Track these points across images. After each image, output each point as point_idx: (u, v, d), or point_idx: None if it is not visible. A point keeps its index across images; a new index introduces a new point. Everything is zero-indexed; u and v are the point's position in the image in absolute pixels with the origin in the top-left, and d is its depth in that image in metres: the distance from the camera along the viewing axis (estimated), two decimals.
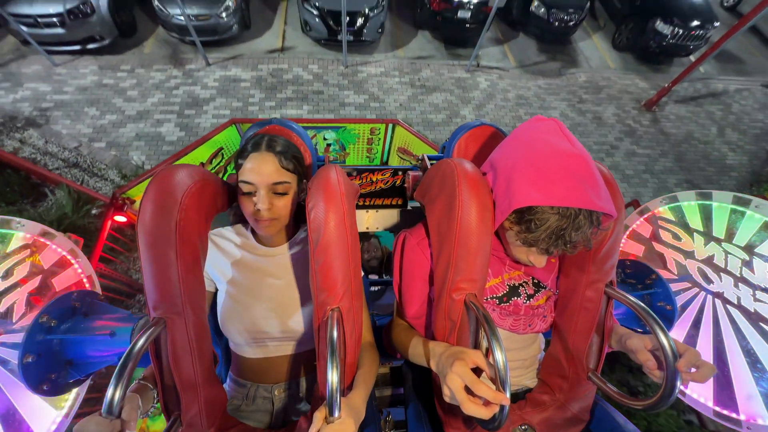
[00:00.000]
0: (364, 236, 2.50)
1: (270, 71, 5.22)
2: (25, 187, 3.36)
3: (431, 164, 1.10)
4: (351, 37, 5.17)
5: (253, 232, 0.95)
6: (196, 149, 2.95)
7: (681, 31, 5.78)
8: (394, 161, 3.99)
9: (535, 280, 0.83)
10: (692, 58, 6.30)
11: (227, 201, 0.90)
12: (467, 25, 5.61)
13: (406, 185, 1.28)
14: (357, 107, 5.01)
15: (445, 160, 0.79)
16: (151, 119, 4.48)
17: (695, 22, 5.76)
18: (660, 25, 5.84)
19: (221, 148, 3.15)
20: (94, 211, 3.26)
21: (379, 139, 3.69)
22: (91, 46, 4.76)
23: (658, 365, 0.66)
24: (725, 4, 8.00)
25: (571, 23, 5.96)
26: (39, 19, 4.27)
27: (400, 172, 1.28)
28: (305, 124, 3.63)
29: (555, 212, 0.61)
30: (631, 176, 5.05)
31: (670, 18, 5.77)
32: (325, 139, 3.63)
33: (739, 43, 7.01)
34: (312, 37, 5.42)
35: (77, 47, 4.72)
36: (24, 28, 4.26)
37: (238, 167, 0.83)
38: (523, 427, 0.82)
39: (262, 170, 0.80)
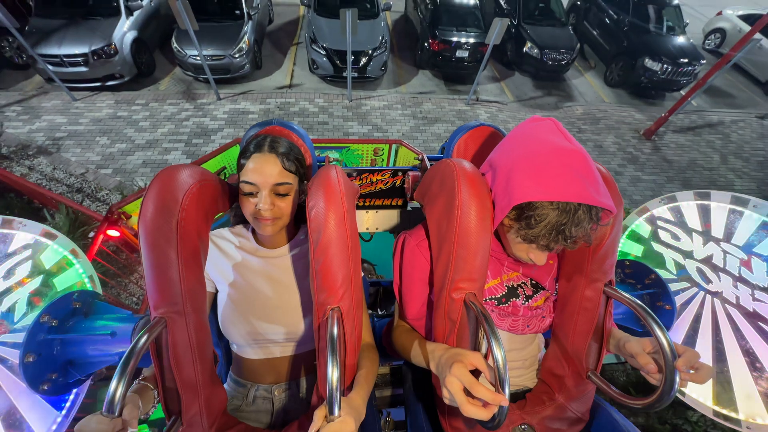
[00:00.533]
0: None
1: (278, 104, 5.43)
2: (26, 211, 3.40)
3: (431, 164, 1.11)
4: (356, 74, 5.52)
5: (254, 233, 0.95)
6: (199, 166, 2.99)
7: (670, 68, 6.09)
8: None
9: (534, 282, 0.84)
10: (683, 92, 6.55)
11: (228, 201, 0.90)
12: (465, 64, 6.02)
13: (405, 186, 1.28)
14: (361, 137, 5.20)
15: (445, 160, 0.79)
16: (159, 147, 4.60)
17: (683, 59, 6.08)
18: (649, 63, 6.16)
19: (224, 168, 3.21)
20: (91, 234, 3.29)
21: (383, 160, 3.71)
22: (110, 83, 5.01)
23: (657, 369, 0.67)
24: (706, 47, 8.44)
25: (564, 62, 6.31)
26: (65, 59, 4.58)
27: (400, 173, 1.29)
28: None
29: (554, 207, 0.61)
30: (639, 202, 5.07)
31: (658, 56, 6.11)
32: None
33: (726, 80, 7.37)
34: (319, 74, 5.77)
35: (97, 84, 4.95)
36: (50, 67, 4.53)
37: (240, 167, 0.84)
38: (523, 427, 0.82)
39: (264, 171, 0.80)
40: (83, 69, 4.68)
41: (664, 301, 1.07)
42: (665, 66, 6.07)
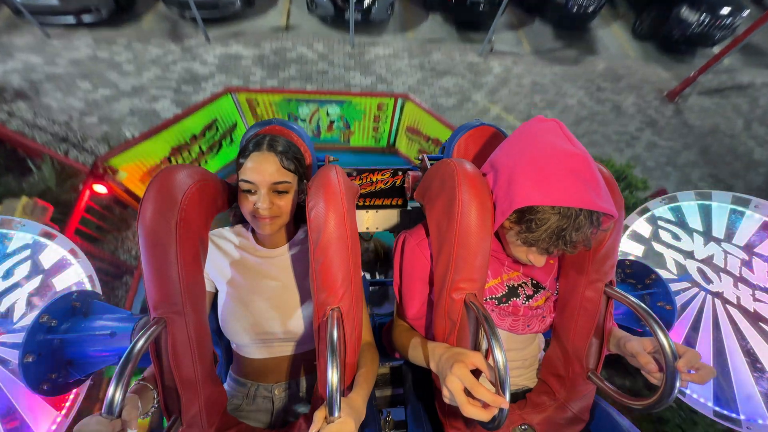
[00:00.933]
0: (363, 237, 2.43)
1: (273, 49, 5.01)
2: (10, 160, 3.20)
3: (431, 164, 1.11)
4: (359, 16, 4.94)
5: (254, 232, 0.95)
6: (188, 118, 2.81)
7: (708, 19, 5.38)
8: (402, 142, 3.67)
9: (534, 281, 0.84)
10: (715, 50, 5.94)
11: (228, 201, 0.90)
12: (480, 8, 5.32)
13: (406, 185, 1.28)
14: (363, 89, 4.83)
15: (445, 160, 0.79)
16: (146, 95, 4.30)
17: (724, 10, 5.35)
18: (686, 12, 5.48)
19: (215, 120, 2.99)
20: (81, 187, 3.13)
21: (387, 116, 3.44)
22: (86, 18, 4.55)
23: (658, 368, 0.66)
24: None
25: (590, 9, 5.67)
26: None
27: (400, 173, 1.29)
28: (308, 96, 3.39)
29: (556, 212, 0.61)
30: (652, 168, 4.77)
31: (698, 4, 5.40)
32: (328, 114, 3.44)
33: (765, 36, 6.43)
34: (318, 15, 5.19)
35: (72, 19, 4.51)
36: None
37: (239, 166, 0.84)
38: (523, 427, 0.82)
39: (263, 170, 0.80)
40: (53, 0, 4.22)
41: (664, 301, 1.07)
42: (703, 17, 5.35)
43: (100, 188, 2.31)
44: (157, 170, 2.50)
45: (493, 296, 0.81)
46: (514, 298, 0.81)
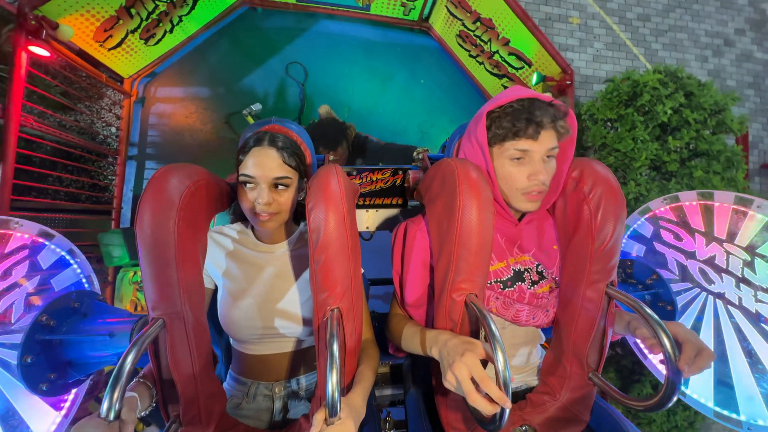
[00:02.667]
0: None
1: None
2: None
3: (431, 163, 1.10)
4: None
5: (253, 229, 0.95)
6: None
7: None
8: (440, 18, 2.84)
9: (540, 268, 0.84)
10: None
11: (227, 200, 0.90)
12: None
13: (406, 185, 1.28)
14: None
15: (446, 159, 0.79)
16: None
17: None
18: None
19: None
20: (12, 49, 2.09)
21: None
22: None
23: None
24: None
25: None
26: None
27: (400, 171, 1.28)
28: None
29: (513, 103, 0.74)
30: (731, 88, 3.78)
31: None
32: None
33: None
34: None
35: None
36: None
37: (238, 163, 0.84)
38: (523, 428, 0.82)
39: (264, 165, 0.80)
40: None
41: (665, 301, 1.07)
42: None
43: (39, 50, 1.69)
44: (114, 24, 2.09)
45: (498, 279, 0.82)
46: (520, 283, 0.82)
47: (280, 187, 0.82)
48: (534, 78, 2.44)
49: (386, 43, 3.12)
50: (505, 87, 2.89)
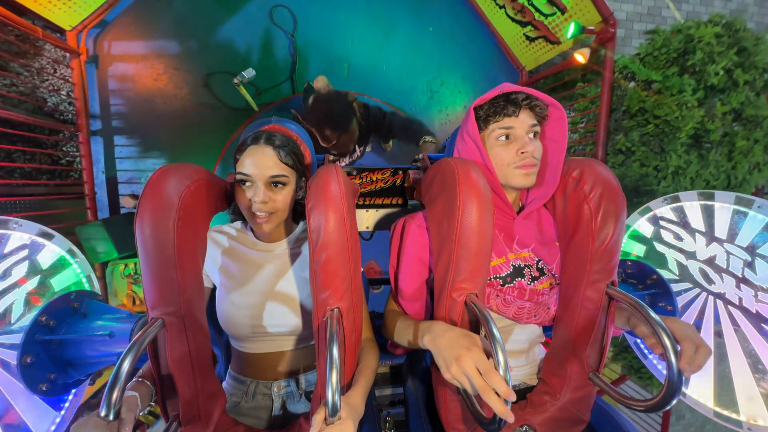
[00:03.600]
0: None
1: None
2: None
3: (431, 163, 1.10)
4: None
5: (252, 229, 0.95)
6: None
7: None
8: None
9: (540, 265, 0.84)
10: None
11: (226, 200, 0.90)
12: None
13: (406, 184, 1.28)
14: None
15: (446, 159, 0.79)
16: None
17: None
18: None
19: None
20: None
21: None
22: None
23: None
24: None
25: None
26: None
27: (400, 171, 1.28)
28: None
29: (497, 94, 0.79)
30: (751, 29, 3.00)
31: None
32: None
33: None
34: None
35: None
36: None
37: (236, 161, 0.84)
38: (524, 428, 0.82)
39: (260, 163, 0.80)
40: None
41: (665, 301, 1.07)
42: None
43: None
44: None
45: (498, 276, 0.82)
46: (519, 278, 0.82)
47: (276, 185, 0.82)
48: (571, 29, 1.99)
49: None
50: (528, 37, 2.52)
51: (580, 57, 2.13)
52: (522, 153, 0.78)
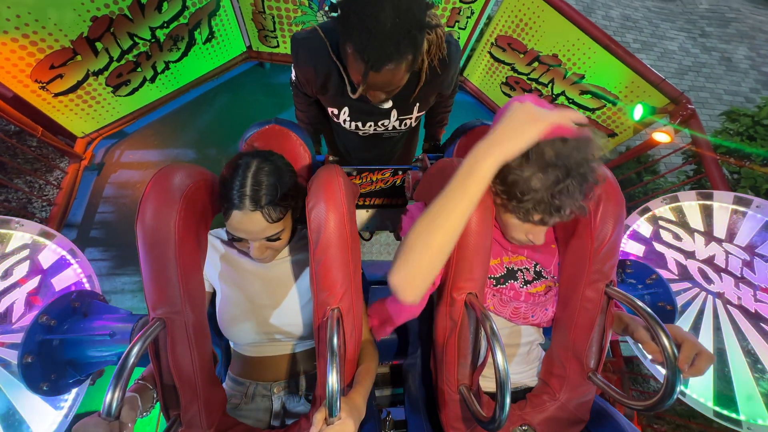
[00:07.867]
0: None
1: None
2: None
3: (431, 164, 1.10)
4: None
5: None
6: None
7: None
8: (479, 68, 2.51)
9: (538, 268, 0.84)
10: None
11: None
12: None
13: (406, 185, 1.28)
14: None
15: (446, 159, 0.79)
16: None
17: None
18: None
19: None
20: None
21: (468, 16, 2.22)
22: None
23: (664, 358, 0.66)
24: None
25: None
26: None
27: (400, 172, 1.28)
28: None
29: (531, 167, 0.62)
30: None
31: None
32: None
33: None
34: None
35: None
36: None
37: (222, 211, 0.76)
38: (523, 428, 0.82)
39: (249, 230, 0.75)
40: None
41: (665, 301, 1.07)
42: None
43: None
44: (68, 60, 1.56)
45: (492, 276, 0.82)
46: (512, 281, 0.81)
47: (272, 239, 0.79)
48: (639, 111, 1.86)
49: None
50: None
51: (664, 136, 1.86)
52: (530, 238, 0.72)
